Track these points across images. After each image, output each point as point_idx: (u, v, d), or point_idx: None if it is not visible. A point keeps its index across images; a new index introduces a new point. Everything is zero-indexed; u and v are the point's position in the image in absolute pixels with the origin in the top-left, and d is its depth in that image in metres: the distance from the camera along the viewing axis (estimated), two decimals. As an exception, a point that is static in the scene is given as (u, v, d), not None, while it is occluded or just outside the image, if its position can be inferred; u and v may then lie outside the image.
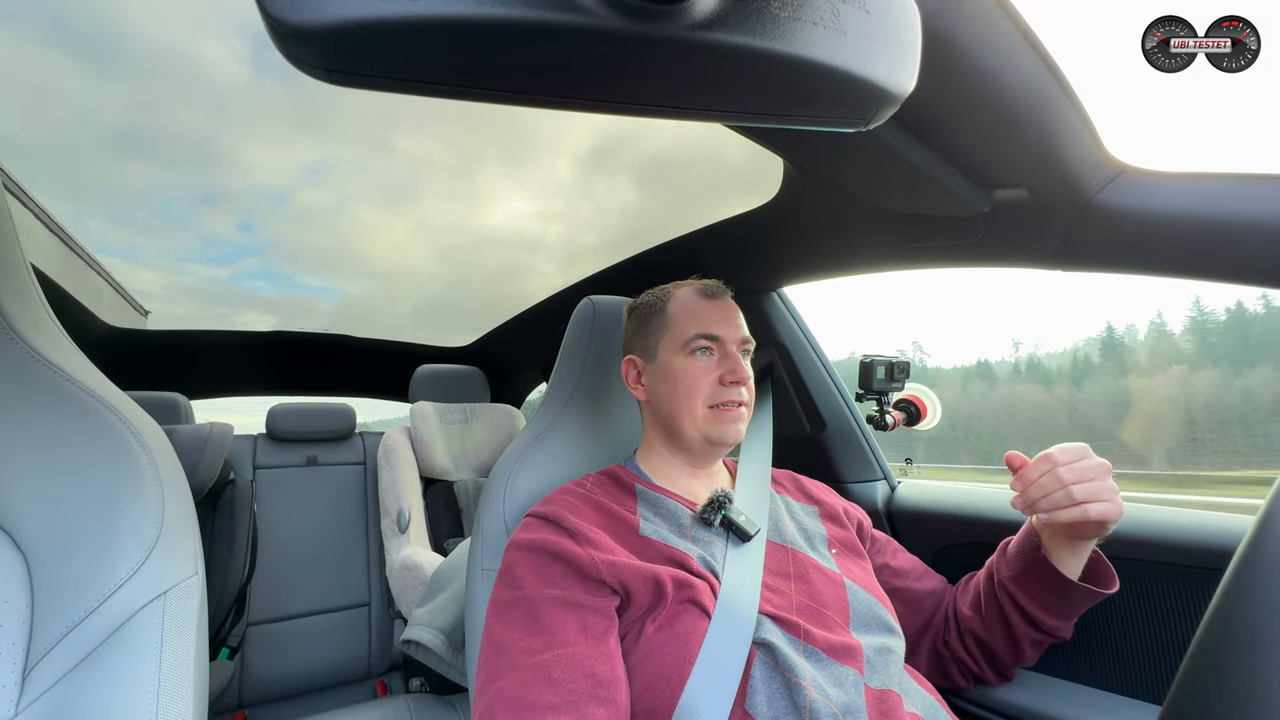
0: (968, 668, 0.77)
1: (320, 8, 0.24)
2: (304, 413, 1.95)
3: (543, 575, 0.60)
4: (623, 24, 0.26)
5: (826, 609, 0.65)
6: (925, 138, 0.67)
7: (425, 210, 1.50)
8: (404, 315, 2.13)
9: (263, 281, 1.73)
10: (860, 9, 0.31)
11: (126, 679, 0.48)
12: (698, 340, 0.73)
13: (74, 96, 1.01)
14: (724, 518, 0.69)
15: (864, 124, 0.36)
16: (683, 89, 0.32)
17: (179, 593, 0.52)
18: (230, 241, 1.56)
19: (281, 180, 1.35)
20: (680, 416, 0.73)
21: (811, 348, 1.24)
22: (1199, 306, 1.57)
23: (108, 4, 0.83)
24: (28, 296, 0.58)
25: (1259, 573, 0.33)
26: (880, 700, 0.58)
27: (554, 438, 0.84)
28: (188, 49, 0.90)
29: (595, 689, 0.53)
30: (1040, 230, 0.78)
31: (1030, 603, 0.70)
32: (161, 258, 1.55)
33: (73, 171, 1.23)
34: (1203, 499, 0.88)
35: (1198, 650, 0.34)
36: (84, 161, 1.20)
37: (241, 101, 1.05)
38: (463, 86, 0.29)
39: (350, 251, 1.70)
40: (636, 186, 1.31)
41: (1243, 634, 0.32)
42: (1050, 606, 0.69)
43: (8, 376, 0.53)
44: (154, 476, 0.54)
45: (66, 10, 0.83)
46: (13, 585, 0.48)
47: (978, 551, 1.00)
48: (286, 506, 1.81)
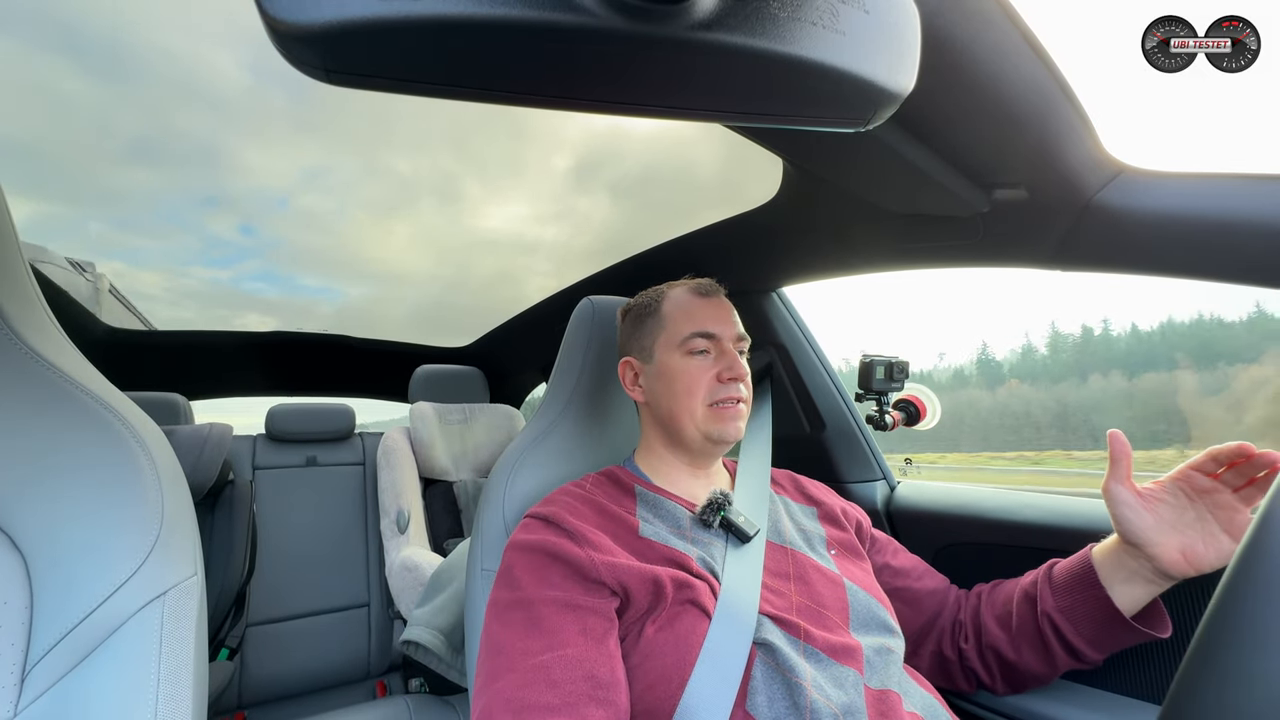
0: (979, 678, 0.76)
1: (319, 8, 0.24)
2: (303, 413, 1.95)
3: (542, 576, 0.60)
4: (623, 24, 0.26)
5: (826, 609, 0.65)
6: (925, 138, 0.67)
7: (424, 212, 1.51)
8: (404, 315, 2.15)
9: (264, 283, 1.75)
10: (859, 9, 0.31)
11: (126, 680, 0.48)
12: (694, 339, 0.73)
13: (80, 103, 1.03)
14: (723, 519, 0.69)
15: (864, 124, 0.36)
16: (683, 89, 0.32)
17: (178, 593, 0.52)
18: (231, 244, 1.58)
19: (282, 184, 1.36)
20: (679, 415, 0.73)
21: (811, 348, 1.24)
22: (1054, 328, 2.74)
23: (115, 13, 0.86)
24: (27, 297, 0.58)
25: (1259, 569, 0.33)
26: (880, 700, 0.58)
27: (553, 438, 0.84)
28: (191, 56, 0.93)
29: (594, 690, 0.53)
30: (1040, 230, 0.78)
31: (1077, 636, 0.67)
32: (164, 260, 1.58)
33: (78, 176, 1.24)
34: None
35: (1197, 648, 0.34)
36: (89, 166, 1.22)
37: (243, 107, 1.07)
38: (462, 86, 0.29)
39: (350, 253, 1.72)
40: (636, 186, 1.32)
41: (1243, 631, 0.32)
42: (1098, 642, 0.67)
43: (7, 377, 0.53)
44: (153, 477, 0.54)
45: (75, 19, 0.86)
46: (12, 586, 0.48)
47: (978, 551, 1.00)
48: (286, 507, 1.81)
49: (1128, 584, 0.65)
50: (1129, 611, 0.65)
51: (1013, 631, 0.72)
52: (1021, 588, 0.74)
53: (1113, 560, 0.67)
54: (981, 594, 0.79)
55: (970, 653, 0.75)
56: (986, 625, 0.74)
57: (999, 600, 0.76)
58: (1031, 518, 0.94)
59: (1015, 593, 0.74)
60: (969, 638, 0.76)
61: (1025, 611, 0.72)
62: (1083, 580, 0.68)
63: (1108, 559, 0.67)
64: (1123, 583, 0.66)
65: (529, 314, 1.88)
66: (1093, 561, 0.68)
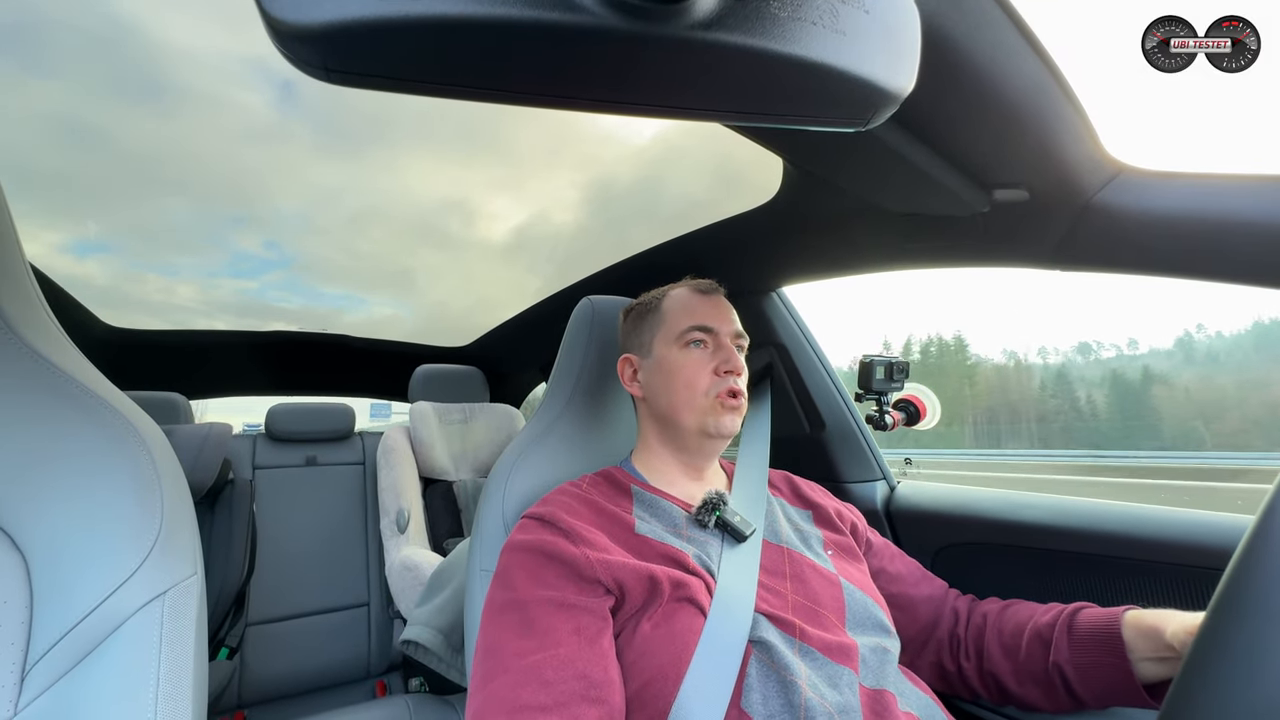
0: (979, 696, 0.74)
1: (319, 7, 0.24)
2: (303, 413, 1.95)
3: (536, 576, 0.60)
4: (623, 24, 0.26)
5: (822, 608, 0.65)
6: (925, 138, 0.67)
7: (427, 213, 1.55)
8: (403, 315, 2.18)
9: (287, 292, 1.87)
10: (860, 9, 0.31)
11: (125, 679, 0.47)
12: (693, 332, 0.73)
13: (122, 136, 1.20)
14: (718, 518, 0.69)
15: (863, 124, 0.36)
16: (683, 89, 0.32)
17: (178, 593, 0.52)
18: (256, 257, 1.75)
19: (301, 202, 1.48)
20: (678, 408, 0.73)
21: (811, 348, 1.24)
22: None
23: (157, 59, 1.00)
24: (27, 296, 0.58)
25: (1269, 542, 0.33)
26: (875, 700, 0.58)
27: (553, 437, 0.84)
28: (224, 98, 1.09)
29: (587, 690, 0.53)
30: (1040, 230, 0.78)
31: (1086, 691, 0.65)
32: (196, 273, 1.77)
33: (121, 200, 1.42)
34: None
35: (1202, 639, 0.34)
36: (130, 190, 1.38)
37: (269, 137, 1.21)
38: (461, 86, 0.29)
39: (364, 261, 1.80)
40: (636, 186, 1.33)
41: (1251, 607, 0.32)
42: (1104, 699, 0.65)
43: (7, 377, 0.53)
44: (153, 476, 0.54)
45: (122, 68, 1.00)
46: (12, 585, 0.48)
47: (977, 552, 1.00)
48: (286, 506, 1.81)
49: (1156, 663, 0.61)
50: (1147, 682, 0.62)
51: (1018, 664, 0.69)
52: (1036, 627, 0.70)
53: (1149, 637, 0.61)
54: (988, 615, 0.76)
55: (970, 671, 0.73)
56: (990, 651, 0.72)
57: (1007, 628, 0.72)
58: (1031, 518, 0.94)
59: (1028, 628, 0.70)
60: (969, 656, 0.74)
61: (1036, 652, 0.68)
62: (1107, 645, 0.64)
63: (1142, 633, 0.62)
64: (1150, 660, 0.61)
65: (529, 314, 1.88)
66: (1123, 630, 0.63)
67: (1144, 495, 5.48)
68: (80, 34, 0.94)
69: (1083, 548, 0.87)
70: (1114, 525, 0.85)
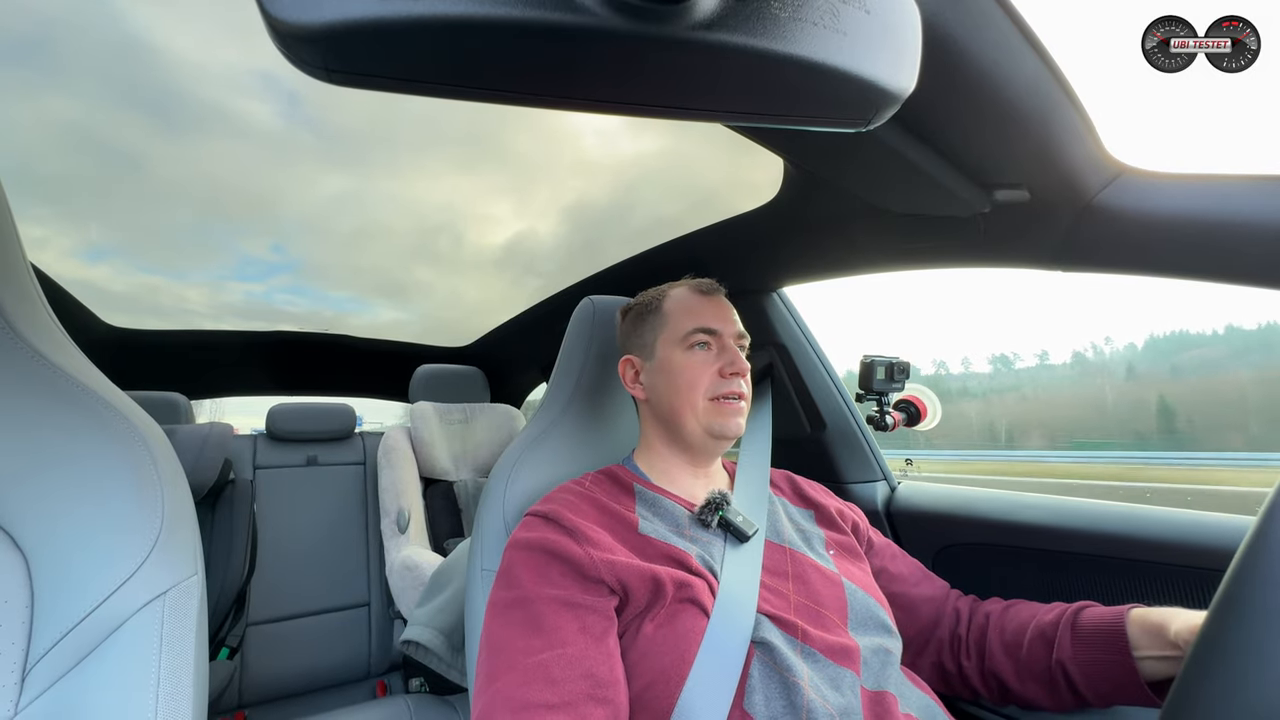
0: (980, 695, 0.74)
1: (320, 8, 0.24)
2: (304, 413, 1.95)
3: (542, 574, 0.60)
4: (623, 24, 0.26)
5: (825, 609, 0.65)
6: (925, 138, 0.67)
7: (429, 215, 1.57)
8: (407, 319, 2.20)
9: (293, 294, 1.92)
10: (860, 9, 0.31)
11: (126, 679, 0.48)
12: (696, 334, 0.73)
13: (134, 145, 1.26)
14: (721, 518, 0.69)
15: (864, 124, 0.36)
16: (683, 89, 0.32)
17: (179, 593, 0.52)
18: (263, 261, 1.78)
19: (305, 209, 1.53)
20: (681, 410, 0.73)
21: (812, 348, 1.24)
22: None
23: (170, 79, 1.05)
24: (28, 296, 0.58)
25: (1270, 543, 0.33)
26: (876, 702, 0.58)
27: (554, 438, 0.84)
28: (230, 107, 1.13)
29: (594, 689, 0.53)
30: (1040, 230, 0.78)
31: (1089, 689, 0.65)
32: (206, 276, 1.82)
33: (129, 209, 1.48)
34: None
35: (1203, 638, 0.34)
36: (138, 200, 1.44)
37: (274, 146, 1.25)
38: (462, 86, 0.29)
39: (367, 265, 1.83)
40: (636, 185, 1.33)
41: (1252, 607, 0.32)
42: (1108, 697, 0.65)
43: (8, 377, 0.53)
44: (154, 476, 0.54)
45: (134, 79, 1.05)
46: (12, 585, 0.48)
47: (978, 553, 1.00)
48: (286, 506, 1.81)
49: (1160, 662, 0.61)
50: (1151, 680, 0.61)
51: (1020, 662, 0.69)
52: (1039, 625, 0.70)
53: (1153, 635, 0.61)
54: (990, 615, 0.75)
55: (971, 670, 0.73)
56: (992, 649, 0.72)
57: (1010, 627, 0.72)
58: (1032, 518, 0.94)
59: (1030, 627, 0.70)
60: (970, 655, 0.74)
61: (1039, 650, 0.68)
62: (1111, 643, 0.63)
63: (1147, 630, 0.62)
64: (1154, 658, 0.61)
65: (529, 314, 1.88)
66: (1127, 628, 0.63)
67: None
68: (94, 47, 0.98)
69: (1083, 548, 0.87)
70: (1115, 526, 0.85)
